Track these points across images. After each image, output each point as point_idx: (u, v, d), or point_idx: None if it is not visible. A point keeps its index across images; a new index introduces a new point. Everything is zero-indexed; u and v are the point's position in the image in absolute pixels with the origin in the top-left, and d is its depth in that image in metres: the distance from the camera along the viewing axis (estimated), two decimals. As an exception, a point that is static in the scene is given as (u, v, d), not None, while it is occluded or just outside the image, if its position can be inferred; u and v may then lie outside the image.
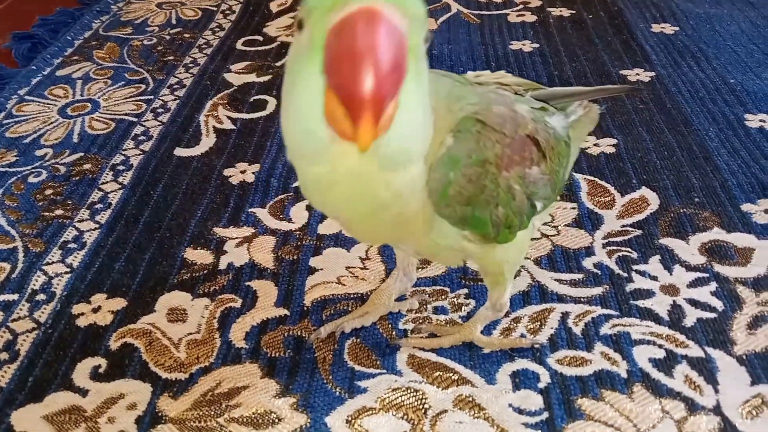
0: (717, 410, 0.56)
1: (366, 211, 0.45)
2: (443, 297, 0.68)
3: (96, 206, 0.83)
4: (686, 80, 1.05)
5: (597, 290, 0.68)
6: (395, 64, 0.34)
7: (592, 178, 0.84)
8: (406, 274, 0.66)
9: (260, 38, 1.23)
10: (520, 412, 0.57)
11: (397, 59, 0.35)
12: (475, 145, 0.46)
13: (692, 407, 0.56)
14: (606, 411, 0.56)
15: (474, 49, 1.17)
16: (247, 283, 0.70)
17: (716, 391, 0.58)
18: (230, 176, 0.87)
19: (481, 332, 0.63)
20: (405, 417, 0.56)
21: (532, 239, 0.74)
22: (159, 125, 0.99)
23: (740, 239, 0.74)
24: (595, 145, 0.90)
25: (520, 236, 0.54)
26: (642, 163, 0.86)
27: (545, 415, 0.56)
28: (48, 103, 1.05)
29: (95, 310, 0.69)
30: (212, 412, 0.58)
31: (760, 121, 0.94)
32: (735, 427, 0.55)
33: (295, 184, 0.85)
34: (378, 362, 0.61)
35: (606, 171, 0.85)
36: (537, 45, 1.17)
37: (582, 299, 0.67)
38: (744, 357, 0.61)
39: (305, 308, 0.67)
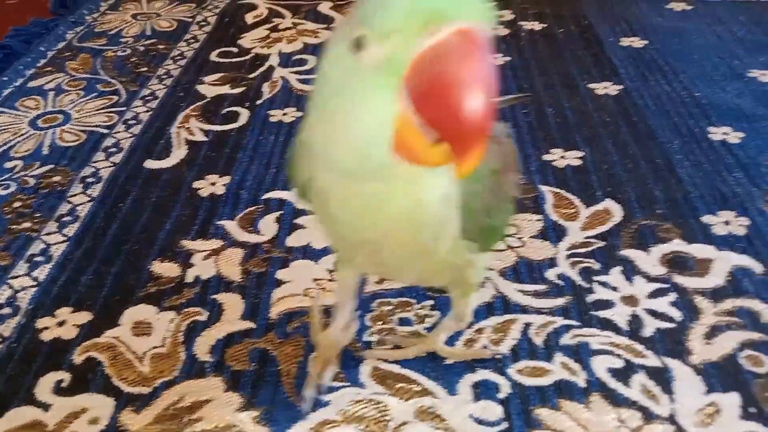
0: (672, 419, 0.57)
1: (409, 228, 0.44)
2: (408, 309, 0.69)
3: (64, 219, 0.83)
4: (653, 93, 1.07)
5: (559, 301, 0.69)
6: (493, 89, 0.34)
7: (557, 190, 0.85)
8: (351, 302, 0.63)
9: (235, 50, 1.24)
10: (480, 422, 0.57)
11: (493, 83, 0.34)
12: (486, 155, 0.47)
13: (648, 416, 0.57)
14: (563, 421, 0.57)
15: (446, 61, 1.18)
16: (213, 296, 0.71)
17: (672, 400, 0.59)
18: (200, 188, 0.87)
19: (445, 343, 0.64)
20: (367, 429, 0.57)
21: (499, 250, 0.75)
22: (130, 137, 0.99)
23: (700, 250, 0.75)
24: (561, 157, 0.91)
25: None
26: (607, 176, 0.88)
27: (504, 425, 0.57)
28: (19, 115, 1.05)
29: (60, 324, 0.68)
30: (174, 427, 0.58)
31: (723, 133, 0.96)
32: (689, 436, 0.56)
33: (265, 196, 0.85)
34: (342, 375, 0.62)
35: (572, 183, 0.86)
36: (509, 58, 1.19)
37: (544, 310, 0.68)
38: (700, 366, 0.62)
39: (271, 321, 0.68)
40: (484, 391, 0.60)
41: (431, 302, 0.69)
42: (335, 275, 0.65)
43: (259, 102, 1.06)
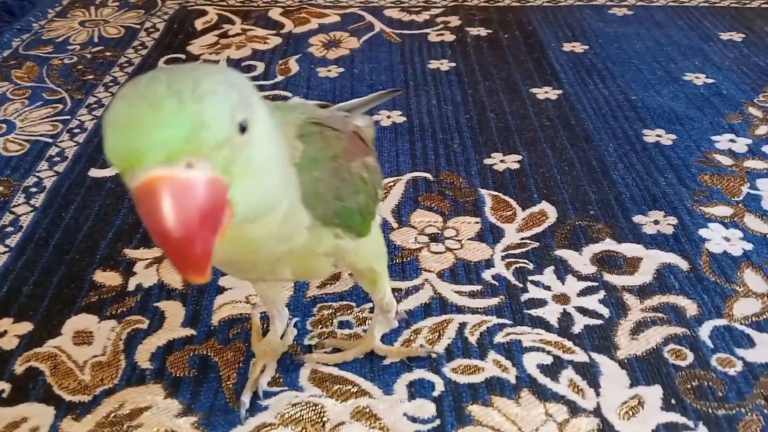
0: (597, 412, 0.60)
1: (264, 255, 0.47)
2: (348, 312, 0.71)
3: (6, 230, 0.82)
4: (591, 97, 1.10)
5: (494, 301, 0.71)
6: (197, 221, 0.33)
7: (496, 193, 0.88)
8: (280, 311, 0.66)
9: (183, 56, 1.24)
10: (414, 420, 0.59)
11: (201, 212, 0.33)
12: (323, 143, 0.49)
13: (574, 410, 0.60)
14: (494, 416, 0.59)
15: (394, 68, 1.21)
16: (155, 304, 0.71)
17: (598, 393, 0.62)
18: (144, 197, 0.87)
19: (383, 342, 0.66)
20: (303, 431, 0.58)
21: (437, 253, 0.78)
22: (75, 146, 0.99)
23: (630, 249, 0.78)
24: (501, 161, 0.94)
25: (374, 227, 0.56)
26: (544, 179, 0.91)
27: (437, 422, 0.59)
28: (-39, 125, 1.04)
29: (1, 335, 0.68)
30: (114, 433, 0.58)
31: (657, 135, 1.00)
32: (613, 427, 0.59)
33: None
34: (280, 380, 0.63)
35: (510, 186, 0.89)
36: (454, 64, 1.21)
37: (479, 310, 0.70)
38: (625, 361, 0.65)
39: (212, 327, 0.69)
40: (418, 389, 0.62)
41: (371, 305, 0.71)
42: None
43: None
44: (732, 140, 0.99)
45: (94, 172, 0.93)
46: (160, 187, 0.32)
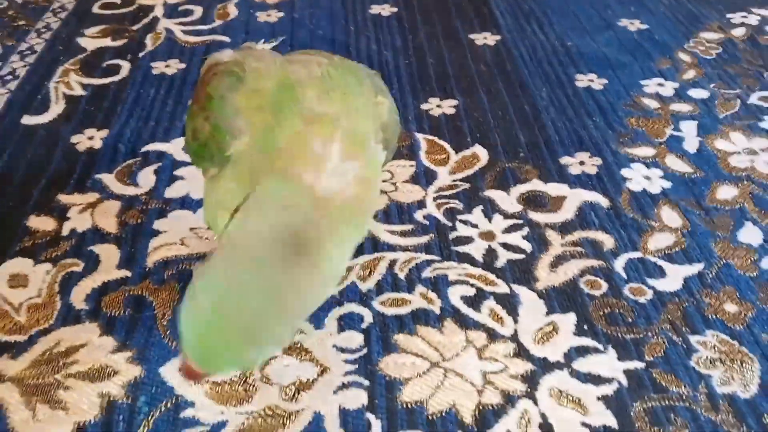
0: (514, 338, 0.64)
1: None
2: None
3: (-64, 177, 0.82)
4: (528, 44, 1.12)
5: (424, 239, 0.74)
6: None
7: (431, 137, 0.90)
8: None
9: (118, 1, 1.21)
10: (343, 350, 0.62)
11: None
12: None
13: (493, 336, 0.64)
14: (418, 344, 0.63)
15: (334, 13, 1.20)
16: (89, 248, 0.72)
17: (516, 321, 0.65)
18: (77, 143, 0.87)
19: None
20: (237, 362, 0.61)
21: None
22: (6, 93, 0.97)
23: (555, 189, 0.82)
24: (438, 106, 0.96)
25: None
26: (477, 123, 0.93)
27: (364, 351, 0.62)
28: None
29: (-67, 281, 0.69)
30: (50, 370, 0.60)
31: (589, 80, 1.03)
32: (528, 351, 0.63)
33: (144, 149, 0.86)
34: (214, 315, 0.65)
35: (445, 131, 0.91)
36: (395, 9, 1.22)
37: (410, 248, 0.73)
38: (543, 291, 0.69)
39: (147, 269, 0.70)
40: (348, 323, 0.65)
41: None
42: (212, 230, 0.68)
43: (141, 54, 1.06)
44: (660, 84, 1.03)
45: (27, 119, 0.91)
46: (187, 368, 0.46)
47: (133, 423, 0.56)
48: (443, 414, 0.57)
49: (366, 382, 0.60)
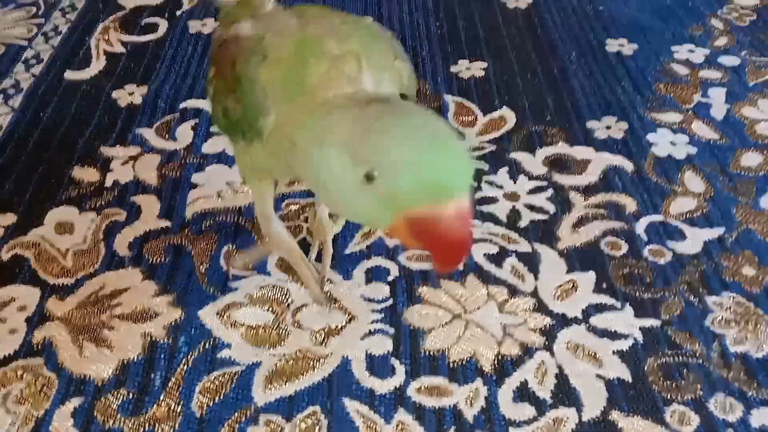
0: (534, 294, 0.66)
1: None
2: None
3: (-14, 129, 0.86)
4: (560, 7, 1.12)
5: (450, 198, 0.77)
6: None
7: (460, 99, 0.92)
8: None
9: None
10: (370, 300, 0.66)
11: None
12: None
13: (514, 292, 0.66)
14: (440, 296, 0.66)
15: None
16: (131, 198, 0.76)
17: (536, 278, 0.68)
18: (118, 98, 0.90)
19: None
20: (270, 309, 0.65)
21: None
22: (50, 49, 1.00)
23: (580, 152, 0.83)
24: (467, 69, 0.97)
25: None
26: (506, 86, 0.94)
27: (390, 302, 0.65)
28: (-66, 26, 1.05)
29: (-14, 226, 0.73)
30: (96, 311, 0.64)
31: (619, 45, 1.03)
32: (546, 307, 0.65)
33: (182, 105, 0.89)
34: (252, 266, 0.69)
35: (473, 93, 0.93)
36: (427, -29, 1.21)
37: (436, 206, 0.76)
38: (565, 251, 0.71)
39: (186, 220, 0.74)
40: (375, 275, 0.68)
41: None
42: (250, 187, 0.70)
43: (178, 13, 1.08)
44: (691, 50, 1.02)
45: (70, 75, 0.95)
46: (468, 210, 0.42)
47: (174, 361, 0.61)
48: (464, 362, 0.61)
49: (391, 330, 0.63)
